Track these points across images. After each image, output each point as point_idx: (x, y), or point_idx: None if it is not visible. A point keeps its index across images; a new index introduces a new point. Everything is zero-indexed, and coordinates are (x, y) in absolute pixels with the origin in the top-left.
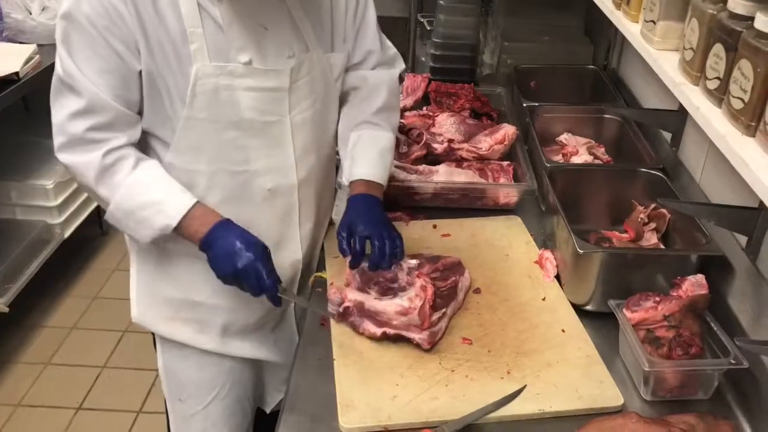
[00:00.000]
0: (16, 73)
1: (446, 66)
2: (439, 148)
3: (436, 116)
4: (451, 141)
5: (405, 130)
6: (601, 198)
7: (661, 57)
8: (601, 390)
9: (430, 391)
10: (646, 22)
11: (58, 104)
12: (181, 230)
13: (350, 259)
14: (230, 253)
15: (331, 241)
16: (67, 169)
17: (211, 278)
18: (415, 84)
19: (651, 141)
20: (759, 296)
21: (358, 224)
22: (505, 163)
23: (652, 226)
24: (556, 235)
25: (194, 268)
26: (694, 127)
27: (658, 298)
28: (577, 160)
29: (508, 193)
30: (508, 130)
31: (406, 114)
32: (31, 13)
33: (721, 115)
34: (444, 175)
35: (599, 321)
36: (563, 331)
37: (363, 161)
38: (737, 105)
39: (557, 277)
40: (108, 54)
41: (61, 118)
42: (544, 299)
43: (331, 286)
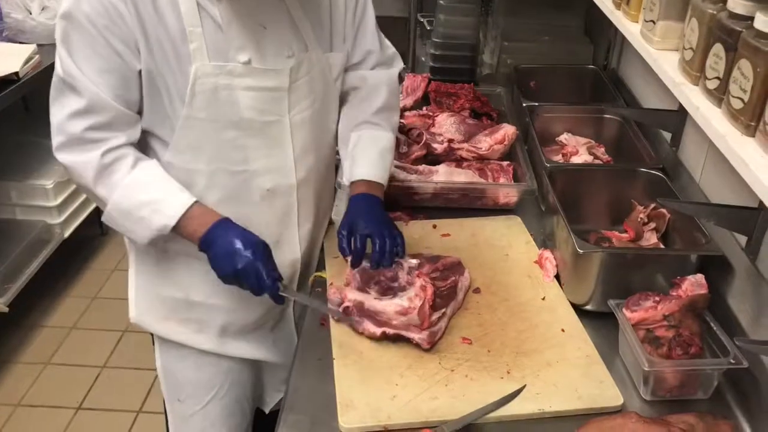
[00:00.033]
0: (16, 73)
1: (446, 66)
2: (439, 148)
3: (436, 116)
4: (450, 141)
5: (405, 130)
6: (600, 198)
7: (660, 57)
8: (600, 390)
9: (430, 391)
10: (646, 21)
11: (58, 104)
12: (180, 230)
13: (351, 258)
14: (230, 253)
15: (330, 241)
16: (66, 169)
17: (210, 278)
18: (414, 84)
19: (651, 141)
20: (758, 296)
21: (359, 223)
22: (505, 163)
23: (652, 225)
24: (556, 234)
25: (193, 268)
26: (694, 127)
27: (657, 298)
28: (576, 160)
29: (507, 193)
30: (507, 130)
31: (406, 114)
32: (31, 13)
33: (721, 115)
34: (444, 175)
35: (599, 321)
36: (563, 330)
37: (363, 161)
38: (737, 105)
39: (557, 277)
40: (108, 53)
41: (60, 117)
42: (543, 299)
43: (331, 286)
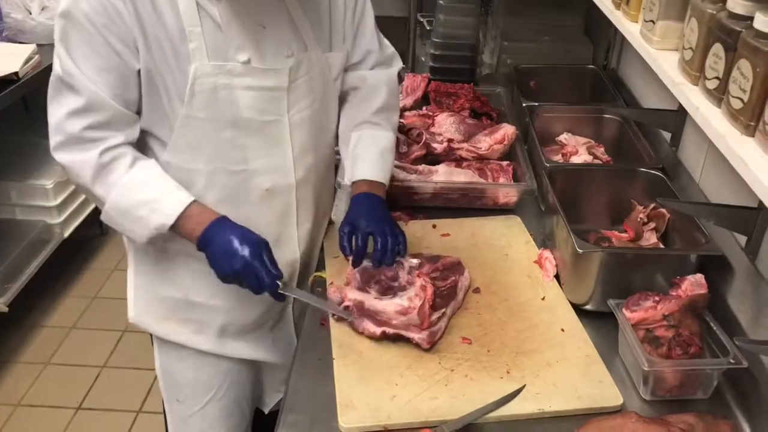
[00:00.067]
0: (16, 73)
1: (446, 66)
2: (439, 147)
3: (436, 116)
4: (450, 141)
5: (405, 130)
6: (600, 198)
7: (660, 57)
8: (600, 389)
9: (430, 391)
10: (646, 21)
11: (56, 103)
12: (178, 229)
13: (352, 257)
14: (228, 252)
15: (330, 240)
16: (64, 169)
17: (210, 278)
18: (414, 84)
19: (650, 141)
20: (758, 296)
21: (362, 221)
22: (505, 163)
23: (652, 225)
24: (556, 234)
25: (192, 268)
26: (694, 126)
27: (657, 298)
28: (576, 159)
29: (507, 193)
30: (507, 130)
31: (406, 114)
32: (31, 13)
33: (721, 115)
34: (443, 174)
35: (599, 320)
36: (563, 330)
37: (365, 161)
38: (736, 105)
39: (557, 277)
40: (107, 52)
41: (59, 116)
42: (543, 299)
43: (331, 286)
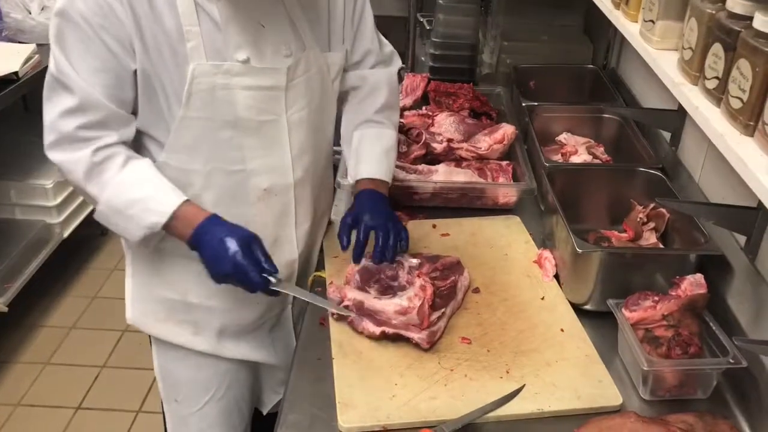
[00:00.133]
0: (16, 73)
1: (445, 65)
2: (439, 147)
3: (436, 116)
4: (450, 140)
5: (404, 130)
6: (600, 197)
7: (660, 56)
8: (599, 389)
9: (429, 391)
10: (645, 21)
11: (51, 102)
12: (170, 229)
13: (353, 252)
14: (217, 254)
15: (330, 240)
16: (58, 167)
17: (207, 279)
18: (414, 83)
19: (650, 140)
20: (758, 296)
21: (364, 216)
22: (504, 163)
23: (651, 225)
24: (555, 234)
25: (190, 269)
26: (693, 126)
27: (656, 298)
28: (576, 159)
29: (507, 193)
30: (507, 130)
31: (406, 113)
32: (31, 13)
33: (720, 115)
34: (443, 174)
35: (598, 320)
36: (562, 330)
37: (368, 160)
38: (736, 104)
39: (556, 277)
40: (102, 52)
41: (53, 115)
42: (543, 299)
43: (331, 285)
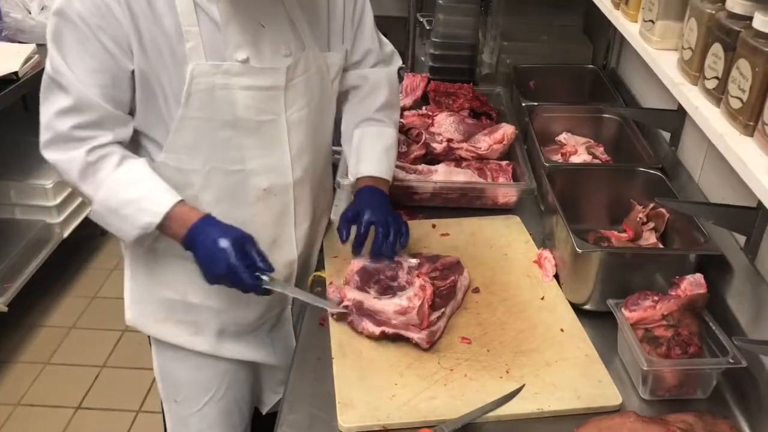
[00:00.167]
0: (15, 73)
1: (445, 65)
2: (438, 147)
3: (435, 116)
4: (450, 140)
5: (404, 130)
6: (600, 197)
7: (659, 56)
8: (599, 389)
9: (429, 391)
10: (645, 21)
11: (47, 101)
12: (164, 228)
13: (353, 242)
14: (210, 256)
15: (330, 240)
16: (54, 167)
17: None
18: (414, 83)
19: (650, 140)
20: (757, 295)
21: (365, 211)
22: (504, 163)
23: (651, 225)
24: (555, 234)
25: (188, 269)
26: (693, 126)
27: (656, 298)
28: (576, 159)
29: (507, 193)
30: (507, 130)
31: (406, 113)
32: (30, 13)
33: (720, 115)
34: (443, 174)
35: (598, 320)
36: (562, 330)
37: (369, 158)
38: (735, 104)
39: (556, 277)
40: (99, 53)
41: (48, 115)
42: (543, 299)
43: (330, 285)
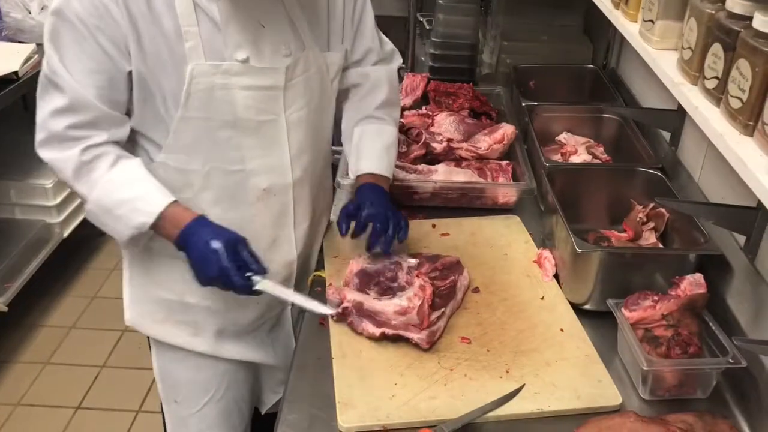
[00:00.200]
0: (15, 73)
1: (445, 65)
2: (438, 147)
3: (435, 115)
4: (450, 140)
5: (404, 130)
6: (599, 197)
7: (659, 56)
8: (599, 389)
9: (429, 391)
10: (645, 21)
11: (43, 101)
12: (158, 229)
13: (353, 230)
14: (202, 258)
15: (330, 240)
16: (49, 166)
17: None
18: (414, 83)
19: (650, 140)
20: (757, 295)
21: (365, 206)
22: (504, 163)
23: (651, 225)
24: (555, 234)
25: (184, 270)
26: (693, 126)
27: (656, 297)
28: (576, 159)
29: (507, 193)
30: (507, 130)
31: (406, 113)
32: (30, 13)
33: (720, 115)
34: (443, 174)
35: (598, 320)
36: (562, 330)
37: (369, 155)
38: (735, 104)
39: (556, 277)
40: (96, 53)
41: (44, 114)
42: (542, 298)
43: (330, 287)
